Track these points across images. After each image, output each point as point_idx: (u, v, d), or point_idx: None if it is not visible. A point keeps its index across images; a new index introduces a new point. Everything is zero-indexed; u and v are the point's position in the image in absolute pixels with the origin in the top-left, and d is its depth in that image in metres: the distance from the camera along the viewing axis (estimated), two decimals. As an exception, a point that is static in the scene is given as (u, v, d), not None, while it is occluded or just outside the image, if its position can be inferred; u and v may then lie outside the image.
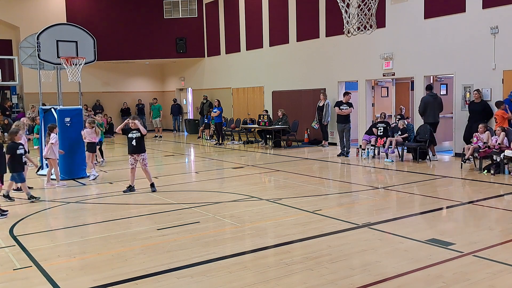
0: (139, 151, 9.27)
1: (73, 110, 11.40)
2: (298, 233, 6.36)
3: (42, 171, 11.85)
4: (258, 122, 17.69)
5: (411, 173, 11.14)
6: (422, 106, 13.30)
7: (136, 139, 9.21)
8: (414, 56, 14.38)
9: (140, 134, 9.22)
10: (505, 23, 12.16)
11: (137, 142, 9.23)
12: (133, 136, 9.23)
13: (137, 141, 9.21)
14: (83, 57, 11.60)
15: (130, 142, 9.24)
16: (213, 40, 23.17)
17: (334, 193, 9.34)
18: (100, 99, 25.30)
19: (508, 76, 12.14)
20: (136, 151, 9.25)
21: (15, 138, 8.63)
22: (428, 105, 13.20)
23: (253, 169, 12.32)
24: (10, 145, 8.57)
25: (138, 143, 9.24)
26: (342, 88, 16.68)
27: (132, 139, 9.22)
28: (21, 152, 8.57)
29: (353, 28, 10.22)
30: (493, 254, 5.32)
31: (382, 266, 5.07)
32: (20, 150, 8.55)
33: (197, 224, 6.90)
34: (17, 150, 8.53)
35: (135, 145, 9.22)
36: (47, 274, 5.06)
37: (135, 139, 9.22)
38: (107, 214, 7.85)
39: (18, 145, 8.61)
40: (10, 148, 8.52)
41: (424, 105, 13.26)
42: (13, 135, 8.67)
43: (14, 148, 8.53)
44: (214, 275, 4.91)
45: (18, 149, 8.55)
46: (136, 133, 9.23)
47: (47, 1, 22.98)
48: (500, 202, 8.06)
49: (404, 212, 7.38)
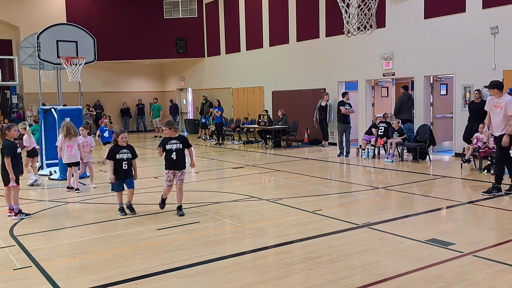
0: (181, 167, 7.39)
1: (73, 110, 11.40)
2: (298, 233, 6.35)
3: (42, 171, 11.86)
4: (258, 122, 17.70)
5: (411, 173, 11.14)
6: (399, 105, 14.58)
7: (177, 152, 7.30)
8: (414, 56, 14.38)
9: (181, 145, 7.35)
10: (505, 23, 12.16)
11: (179, 155, 7.33)
12: (173, 147, 7.29)
13: (178, 153, 7.31)
14: (83, 57, 11.60)
15: (169, 155, 7.30)
16: (213, 40, 23.17)
17: (334, 193, 9.33)
18: (100, 99, 25.30)
19: (508, 76, 12.13)
20: (178, 167, 7.37)
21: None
22: (403, 104, 14.48)
23: (253, 169, 12.32)
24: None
25: (180, 156, 7.35)
26: (342, 88, 16.68)
27: (172, 152, 7.28)
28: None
29: (353, 28, 10.22)
30: (493, 254, 5.32)
31: (382, 266, 5.07)
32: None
33: (197, 224, 6.89)
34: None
35: (176, 158, 7.30)
36: (47, 274, 5.05)
37: (176, 151, 7.30)
38: (107, 214, 7.84)
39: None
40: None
41: (400, 104, 14.54)
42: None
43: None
44: (214, 275, 4.91)
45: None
46: (177, 144, 7.32)
47: (47, 1, 22.99)
48: (500, 202, 8.06)
49: (404, 212, 7.38)
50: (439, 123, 14.45)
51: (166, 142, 7.31)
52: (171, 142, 7.27)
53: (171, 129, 7.36)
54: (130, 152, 7.52)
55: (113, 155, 7.42)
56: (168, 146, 7.26)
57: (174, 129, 7.43)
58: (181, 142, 7.31)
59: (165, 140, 7.37)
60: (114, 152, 7.42)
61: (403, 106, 14.47)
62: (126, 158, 7.46)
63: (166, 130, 7.37)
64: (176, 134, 7.44)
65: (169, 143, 7.27)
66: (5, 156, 7.38)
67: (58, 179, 11.03)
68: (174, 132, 7.38)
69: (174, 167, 7.34)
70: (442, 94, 14.58)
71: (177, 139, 7.32)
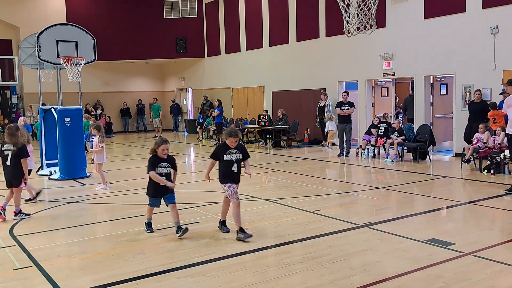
0: (239, 180, 6.38)
1: (73, 110, 11.40)
2: (298, 233, 6.35)
3: (42, 171, 11.86)
4: (258, 122, 17.70)
5: (411, 173, 11.14)
6: (405, 105, 15.80)
7: (238, 163, 6.23)
8: (414, 56, 14.38)
9: (242, 155, 6.28)
10: (505, 23, 12.17)
11: (239, 167, 6.27)
12: (233, 158, 6.19)
13: (238, 165, 6.24)
14: (83, 57, 11.60)
15: (228, 166, 6.20)
16: (213, 40, 23.17)
17: (334, 193, 9.33)
18: (100, 99, 25.30)
19: (508, 76, 12.10)
20: (239, 180, 6.36)
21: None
22: (407, 104, 15.49)
23: (253, 169, 12.29)
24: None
25: (239, 168, 6.29)
26: (342, 88, 16.68)
27: (232, 163, 6.19)
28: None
29: (353, 28, 10.22)
30: (493, 254, 5.32)
31: (382, 266, 5.07)
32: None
33: (197, 224, 6.89)
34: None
35: (237, 171, 6.25)
36: (47, 274, 5.05)
37: (237, 162, 6.21)
38: (107, 214, 7.85)
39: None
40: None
41: (405, 104, 15.77)
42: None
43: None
44: (214, 275, 4.91)
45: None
46: (237, 154, 6.22)
47: (47, 1, 22.98)
48: (500, 202, 8.06)
49: (404, 212, 7.38)
50: (439, 123, 14.45)
51: (223, 151, 6.20)
52: (231, 152, 6.19)
53: (236, 138, 6.21)
54: (170, 166, 6.42)
55: (153, 168, 6.30)
56: (227, 156, 6.17)
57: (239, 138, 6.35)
58: (241, 152, 6.27)
59: (220, 149, 6.27)
60: (154, 163, 6.31)
61: (408, 106, 15.28)
62: (165, 173, 6.32)
63: (230, 139, 6.15)
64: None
65: (228, 152, 6.18)
66: (23, 157, 7.39)
67: (58, 179, 11.03)
68: (237, 141, 6.28)
69: (236, 180, 6.28)
70: (442, 94, 14.59)
71: (237, 148, 6.24)
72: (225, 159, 6.17)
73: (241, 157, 6.24)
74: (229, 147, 6.19)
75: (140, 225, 6.93)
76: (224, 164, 6.19)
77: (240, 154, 6.23)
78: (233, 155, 6.18)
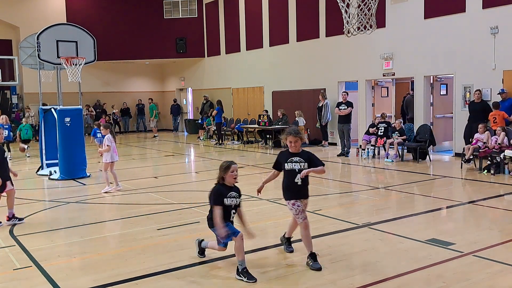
0: (307, 194, 5.32)
1: (73, 110, 11.41)
2: (298, 233, 6.32)
3: (42, 171, 11.87)
4: (258, 122, 17.70)
5: (411, 173, 11.14)
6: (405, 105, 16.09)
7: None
8: (414, 56, 14.38)
9: (307, 165, 5.13)
10: (505, 23, 12.16)
11: (304, 178, 5.15)
12: (296, 167, 5.13)
13: (304, 177, 5.14)
14: (83, 57, 11.60)
15: (290, 178, 5.17)
16: (213, 40, 23.17)
17: (334, 193, 9.33)
18: (100, 99, 25.30)
19: (508, 76, 12.14)
20: (305, 194, 5.30)
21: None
22: (408, 104, 15.73)
23: (253, 169, 12.31)
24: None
25: (306, 180, 5.20)
26: (342, 88, 16.67)
27: (295, 174, 5.13)
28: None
29: (353, 28, 10.21)
30: (493, 254, 5.32)
31: (382, 266, 5.07)
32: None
33: (197, 224, 6.89)
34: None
35: (302, 184, 5.17)
36: (47, 274, 5.05)
37: (299, 172, 5.12)
38: (107, 214, 7.85)
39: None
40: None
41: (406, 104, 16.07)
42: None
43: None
44: (214, 275, 4.91)
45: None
46: (301, 163, 5.12)
47: (47, 1, 22.98)
48: (500, 202, 8.06)
49: (404, 212, 7.38)
50: (439, 123, 14.45)
51: (284, 159, 5.18)
52: (293, 160, 5.12)
53: (296, 138, 5.11)
54: (239, 197, 5.17)
55: (220, 199, 5.01)
56: (289, 165, 5.14)
57: (301, 139, 5.17)
58: (307, 161, 5.13)
59: (282, 156, 5.24)
60: (222, 194, 5.01)
61: (409, 106, 15.50)
62: (234, 205, 5.09)
63: (289, 139, 5.11)
64: (300, 148, 5.21)
65: (290, 161, 5.13)
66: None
67: (58, 179, 11.03)
68: (300, 146, 5.18)
69: (301, 195, 5.21)
70: (442, 94, 14.59)
71: (300, 156, 5.14)
72: (286, 169, 5.14)
73: (307, 166, 5.09)
74: (292, 154, 5.13)
75: (140, 225, 6.92)
76: (286, 174, 5.17)
77: (305, 163, 5.09)
78: (296, 163, 5.10)
